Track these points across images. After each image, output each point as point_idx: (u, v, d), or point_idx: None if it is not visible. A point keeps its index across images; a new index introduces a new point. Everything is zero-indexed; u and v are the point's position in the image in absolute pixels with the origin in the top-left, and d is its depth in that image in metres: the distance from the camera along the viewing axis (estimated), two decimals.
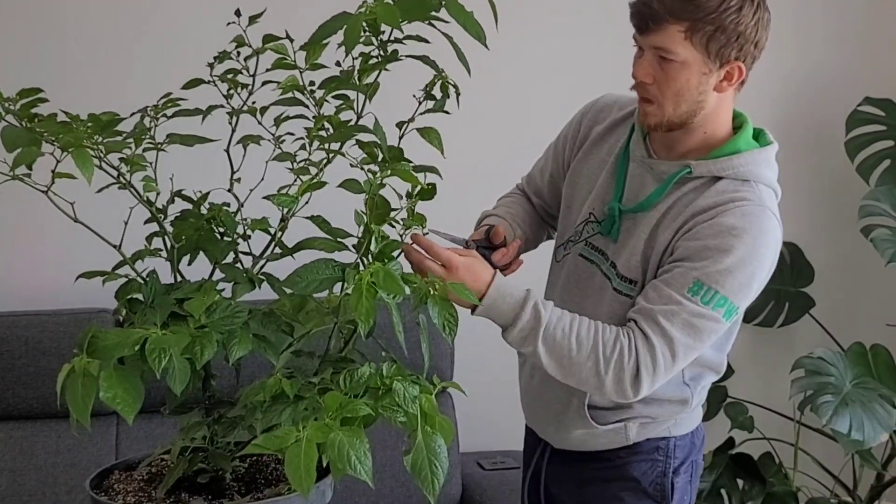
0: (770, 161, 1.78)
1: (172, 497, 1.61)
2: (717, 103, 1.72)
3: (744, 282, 1.67)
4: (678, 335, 1.66)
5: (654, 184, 1.78)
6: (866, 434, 2.78)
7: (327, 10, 1.59)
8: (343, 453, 1.41)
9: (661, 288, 1.69)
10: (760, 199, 1.71)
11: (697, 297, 1.65)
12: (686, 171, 1.74)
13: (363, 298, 1.52)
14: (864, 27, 3.37)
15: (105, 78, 2.80)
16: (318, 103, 1.66)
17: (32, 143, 1.47)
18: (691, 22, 1.63)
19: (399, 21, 1.52)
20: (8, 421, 2.67)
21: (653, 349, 1.66)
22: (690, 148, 1.77)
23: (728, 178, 1.73)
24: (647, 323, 1.68)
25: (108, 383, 1.44)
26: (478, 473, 2.94)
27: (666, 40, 1.65)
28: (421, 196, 1.67)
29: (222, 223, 1.69)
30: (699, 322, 1.66)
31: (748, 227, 1.67)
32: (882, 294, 3.42)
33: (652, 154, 1.81)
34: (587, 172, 1.91)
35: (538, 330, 1.68)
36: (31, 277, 2.84)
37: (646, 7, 1.66)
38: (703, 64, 1.66)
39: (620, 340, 1.67)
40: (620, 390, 1.69)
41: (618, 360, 1.67)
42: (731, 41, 1.65)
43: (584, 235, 1.88)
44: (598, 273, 1.84)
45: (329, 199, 1.67)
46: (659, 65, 1.68)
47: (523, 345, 1.71)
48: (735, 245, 1.65)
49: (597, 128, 1.93)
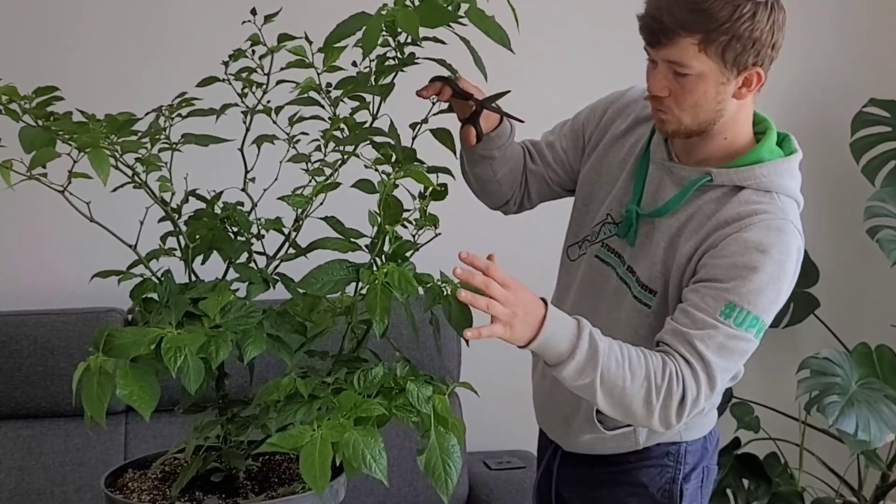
0: (793, 171, 1.73)
1: (186, 496, 1.62)
2: (736, 109, 1.68)
3: (772, 298, 1.64)
4: (715, 359, 1.62)
5: (674, 188, 1.75)
6: (872, 434, 2.78)
7: (342, 8, 1.60)
8: (358, 452, 1.42)
9: (693, 313, 1.63)
10: (784, 212, 1.67)
11: (730, 320, 1.61)
12: (707, 178, 1.70)
13: (378, 298, 1.52)
14: (869, 29, 3.37)
15: (119, 76, 2.80)
16: (334, 103, 1.66)
17: (49, 143, 1.48)
18: (704, 34, 1.57)
19: (418, 29, 1.50)
20: (16, 420, 2.67)
21: (695, 373, 1.62)
22: (711, 154, 1.73)
23: (750, 189, 1.69)
24: (686, 347, 1.62)
25: (125, 381, 1.44)
26: (484, 473, 2.94)
27: (679, 54, 1.60)
28: (433, 197, 1.68)
29: (236, 223, 1.70)
30: (733, 343, 1.63)
31: (775, 242, 1.63)
32: (887, 295, 3.43)
33: (673, 157, 1.77)
34: (606, 171, 1.87)
35: (597, 361, 1.58)
36: (44, 277, 2.84)
37: (655, 21, 1.60)
38: (719, 74, 1.61)
39: (669, 368, 1.61)
40: (665, 418, 1.63)
41: (667, 388, 1.60)
42: (748, 48, 1.59)
43: (601, 236, 1.85)
44: (613, 276, 1.82)
45: (342, 200, 1.68)
46: (674, 77, 1.63)
47: (579, 378, 1.60)
48: (763, 263, 1.62)
49: (618, 124, 1.88)
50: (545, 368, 1.77)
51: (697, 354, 1.62)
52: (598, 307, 1.82)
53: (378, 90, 1.63)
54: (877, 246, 3.00)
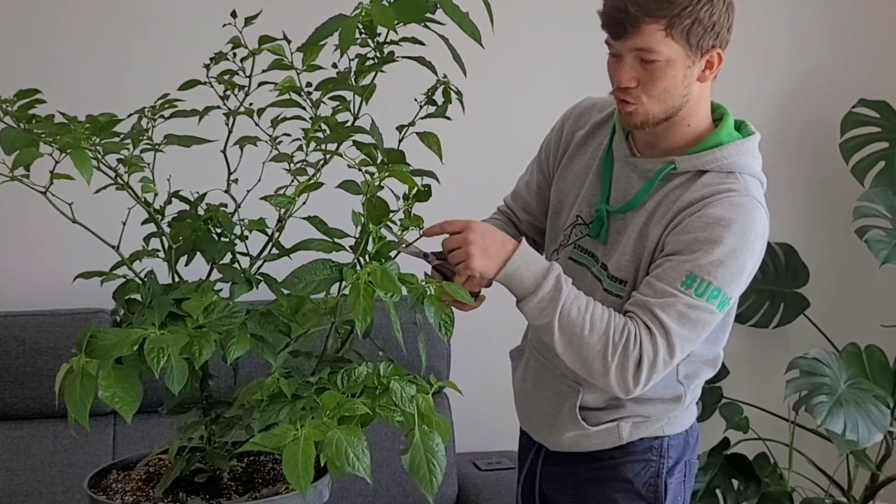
0: (753, 151, 1.79)
1: (170, 497, 1.62)
2: (698, 94, 1.74)
3: (735, 272, 1.68)
4: (674, 326, 1.67)
5: (640, 182, 1.79)
6: (861, 434, 2.79)
7: (323, 11, 1.60)
8: (341, 451, 1.41)
9: (654, 283, 1.70)
10: (747, 190, 1.72)
11: (691, 290, 1.67)
12: (671, 167, 1.75)
13: (360, 298, 1.52)
14: (858, 29, 3.38)
15: (101, 79, 2.80)
16: (315, 104, 1.67)
17: (31, 144, 1.48)
18: (669, 18, 1.64)
19: (394, 22, 1.52)
20: (4, 421, 2.67)
21: (653, 339, 1.67)
22: (674, 143, 1.78)
23: (713, 171, 1.74)
24: (645, 314, 1.68)
25: (107, 383, 1.45)
26: (474, 474, 2.95)
27: (647, 41, 1.65)
28: (417, 198, 1.68)
29: (219, 224, 1.69)
30: (694, 314, 1.68)
31: (736, 217, 1.68)
32: (876, 295, 3.44)
33: (635, 153, 1.82)
34: (573, 177, 1.92)
35: (557, 302, 1.68)
36: (27, 278, 2.84)
37: (620, 12, 1.66)
38: (685, 57, 1.67)
39: (629, 327, 1.68)
40: (622, 379, 1.69)
41: (624, 346, 1.67)
42: (708, 31, 1.66)
43: (573, 238, 1.88)
44: (588, 275, 1.85)
45: (326, 200, 1.68)
46: (642, 66, 1.68)
47: (539, 316, 1.70)
48: (725, 236, 1.66)
49: (578, 132, 1.93)
50: (525, 371, 1.78)
51: (657, 321, 1.67)
52: None
53: (359, 90, 1.63)
54: (866, 246, 3.00)
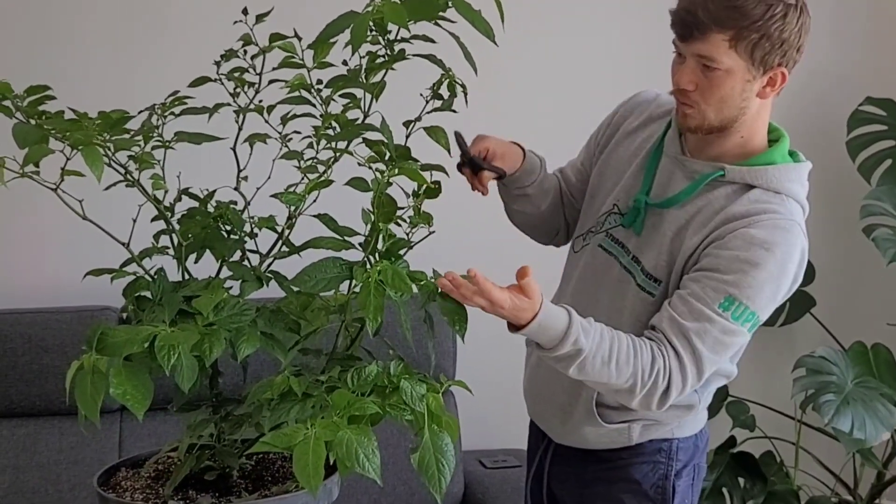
0: (803, 179, 1.76)
1: (180, 494, 1.62)
2: (757, 109, 1.72)
3: (770, 296, 1.67)
4: (707, 353, 1.67)
5: (685, 181, 1.77)
6: (868, 433, 2.78)
7: (334, 8, 1.59)
8: (351, 451, 1.41)
9: (692, 302, 1.67)
10: (791, 214, 1.70)
11: (728, 313, 1.65)
12: (720, 173, 1.73)
13: (371, 296, 1.52)
14: (865, 27, 3.37)
15: (112, 75, 2.80)
16: (325, 102, 1.66)
17: (42, 140, 1.48)
18: (736, 30, 1.61)
19: (406, 20, 1.52)
20: (11, 418, 2.66)
21: (683, 368, 1.67)
22: (725, 151, 1.75)
23: (761, 188, 1.71)
24: (679, 340, 1.67)
25: (118, 380, 1.44)
26: (480, 472, 2.94)
27: (710, 49, 1.62)
28: (427, 194, 1.68)
29: (229, 221, 1.70)
30: (728, 339, 1.67)
31: (780, 241, 1.66)
32: (883, 293, 3.43)
33: (686, 152, 1.80)
34: (615, 163, 1.90)
35: (576, 359, 1.66)
36: (35, 275, 2.84)
37: (689, 15, 1.63)
38: (746, 71, 1.64)
39: (657, 365, 1.66)
40: (646, 404, 1.70)
41: (653, 383, 1.67)
42: (776, 48, 1.63)
43: (606, 226, 1.86)
44: (616, 266, 1.83)
45: (336, 198, 1.68)
46: (702, 72, 1.66)
47: (558, 367, 1.70)
48: (767, 260, 1.65)
49: (630, 121, 1.92)
50: (540, 357, 1.78)
51: (691, 347, 1.66)
52: (599, 296, 1.83)
53: (369, 88, 1.63)
54: (873, 244, 3.00)
